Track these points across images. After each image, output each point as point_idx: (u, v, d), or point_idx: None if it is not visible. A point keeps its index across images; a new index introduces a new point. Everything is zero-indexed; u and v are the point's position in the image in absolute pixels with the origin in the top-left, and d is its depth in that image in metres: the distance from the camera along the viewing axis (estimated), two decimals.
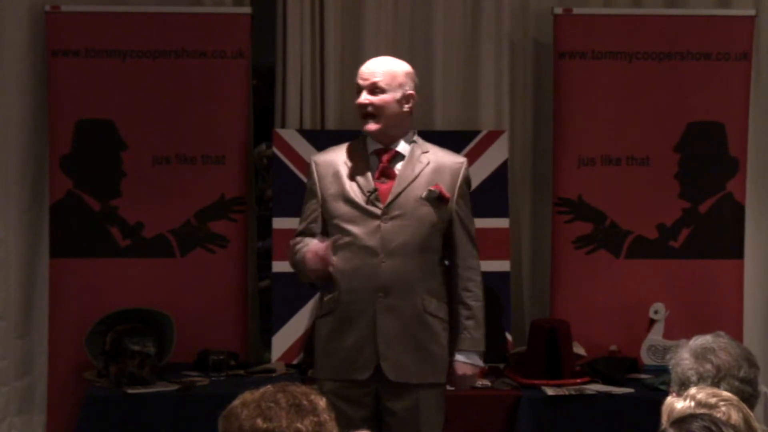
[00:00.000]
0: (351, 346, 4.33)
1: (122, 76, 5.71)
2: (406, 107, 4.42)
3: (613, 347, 5.70)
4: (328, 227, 4.41)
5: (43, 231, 5.78)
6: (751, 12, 5.88)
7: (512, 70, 6.03)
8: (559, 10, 5.82)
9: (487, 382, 5.34)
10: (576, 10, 5.84)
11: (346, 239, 4.34)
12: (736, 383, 3.13)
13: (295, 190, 5.66)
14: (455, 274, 4.44)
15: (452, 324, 4.44)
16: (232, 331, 5.73)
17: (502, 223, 5.78)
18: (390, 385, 4.32)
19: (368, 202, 4.34)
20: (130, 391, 5.16)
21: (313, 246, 4.33)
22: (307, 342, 5.33)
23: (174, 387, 5.23)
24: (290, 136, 5.79)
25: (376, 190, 4.36)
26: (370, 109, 4.36)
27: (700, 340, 3.23)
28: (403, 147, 4.43)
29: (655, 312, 5.71)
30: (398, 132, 4.42)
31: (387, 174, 4.39)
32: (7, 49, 5.80)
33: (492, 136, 5.82)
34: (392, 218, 4.33)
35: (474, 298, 4.43)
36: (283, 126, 5.91)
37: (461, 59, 5.99)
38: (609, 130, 5.82)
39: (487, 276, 5.66)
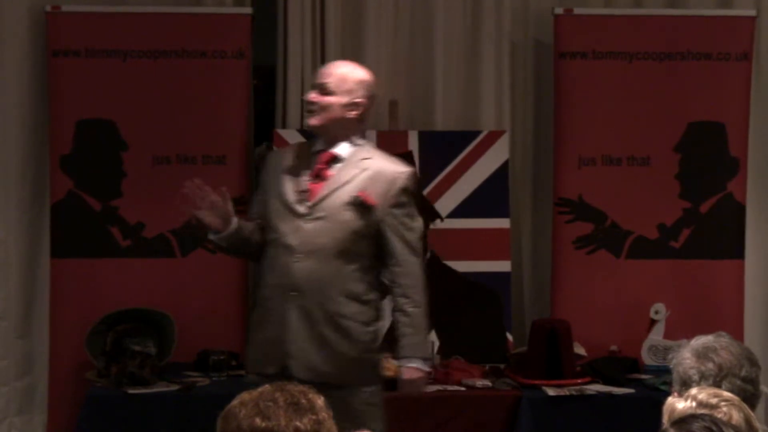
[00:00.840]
0: (265, 341, 4.41)
1: (123, 76, 5.72)
2: (352, 113, 4.42)
3: (613, 347, 5.70)
4: (266, 222, 4.47)
5: (44, 231, 5.78)
6: (752, 12, 5.88)
7: (513, 70, 6.03)
8: (559, 10, 5.83)
9: (487, 382, 5.35)
10: (576, 10, 5.85)
11: (274, 236, 4.41)
12: (738, 382, 3.13)
13: None
14: (393, 282, 4.41)
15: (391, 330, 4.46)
16: (233, 331, 5.72)
17: (503, 223, 5.78)
18: (305, 384, 4.31)
19: (297, 201, 4.39)
20: (130, 391, 5.17)
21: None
22: None
23: (174, 387, 5.24)
24: (291, 136, 5.79)
25: (306, 190, 4.40)
26: (314, 107, 4.42)
27: (701, 340, 3.23)
28: (343, 150, 4.43)
29: (656, 312, 5.71)
30: (341, 135, 4.43)
31: (321, 175, 4.41)
32: (8, 49, 5.79)
33: (492, 137, 5.82)
34: (315, 219, 4.36)
35: (412, 304, 4.38)
36: (283, 126, 5.91)
37: (462, 59, 6.00)
38: (609, 130, 5.82)
39: (488, 276, 5.72)
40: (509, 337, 5.75)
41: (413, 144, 5.77)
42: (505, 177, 5.81)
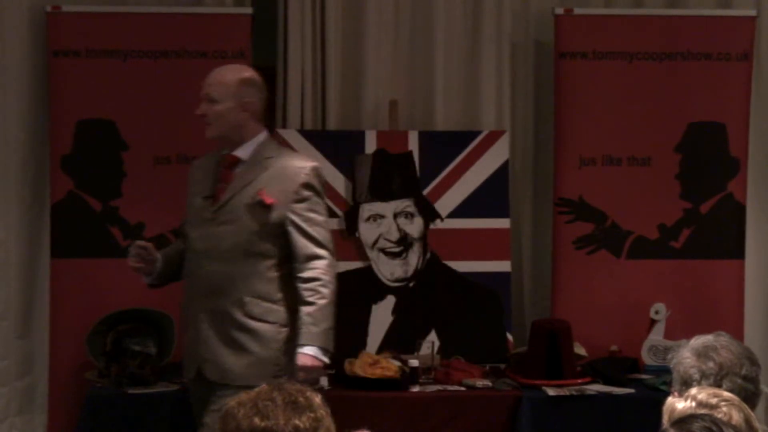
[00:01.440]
0: (186, 346, 4.54)
1: (123, 77, 5.71)
2: (244, 115, 4.51)
3: (613, 347, 5.70)
4: None
5: (44, 231, 5.78)
6: (752, 12, 5.88)
7: (513, 70, 6.03)
8: (559, 11, 5.83)
9: (488, 383, 5.34)
10: (577, 11, 5.85)
11: (188, 243, 4.55)
12: (739, 381, 3.14)
13: None
14: (296, 277, 4.45)
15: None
16: None
17: (503, 223, 5.78)
18: (217, 385, 4.40)
19: (203, 207, 4.49)
20: (130, 391, 5.17)
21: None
22: None
23: (174, 387, 5.23)
24: (291, 136, 5.79)
25: (211, 195, 4.49)
26: (205, 119, 4.51)
27: (701, 340, 3.24)
28: (243, 152, 4.52)
29: (656, 312, 5.71)
30: (240, 138, 4.52)
31: (225, 179, 4.51)
32: (8, 50, 5.79)
33: (493, 137, 5.82)
34: (222, 222, 4.45)
35: (317, 296, 4.42)
36: (284, 126, 5.91)
37: (462, 60, 6.00)
38: (610, 131, 5.82)
39: (488, 276, 5.72)
40: (509, 337, 5.75)
41: (413, 144, 5.77)
42: (505, 177, 5.80)
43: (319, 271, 4.43)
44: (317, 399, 2.58)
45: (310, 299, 4.41)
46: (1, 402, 5.81)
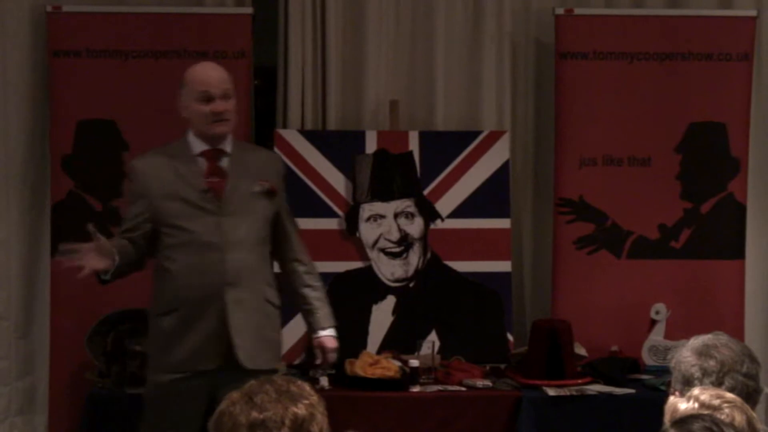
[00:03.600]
0: (201, 339, 4.49)
1: (123, 77, 5.71)
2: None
3: (614, 347, 5.71)
4: (161, 227, 4.55)
5: (45, 231, 5.78)
6: (753, 13, 5.89)
7: (514, 70, 6.04)
8: (560, 11, 5.83)
9: (488, 383, 5.34)
10: (577, 11, 5.85)
11: (185, 237, 4.51)
12: (740, 378, 3.14)
13: (296, 191, 5.68)
14: (296, 261, 4.70)
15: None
16: None
17: (504, 223, 5.78)
18: (236, 373, 4.39)
19: (204, 200, 4.51)
20: (131, 391, 5.16)
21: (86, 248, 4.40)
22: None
23: None
24: (292, 136, 5.79)
25: (208, 189, 4.53)
26: (228, 115, 4.57)
27: (700, 339, 3.25)
28: (227, 146, 4.61)
29: (656, 312, 5.71)
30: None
31: (217, 172, 4.56)
32: (9, 50, 5.80)
33: (493, 137, 5.82)
34: (230, 214, 4.51)
35: (318, 279, 4.72)
36: (284, 126, 5.91)
37: (463, 59, 6.00)
38: (610, 131, 5.82)
39: (488, 276, 5.72)
40: (510, 337, 5.75)
41: (414, 144, 5.77)
42: (506, 177, 5.80)
43: (308, 257, 4.72)
44: (307, 386, 2.64)
45: (315, 283, 4.70)
46: (2, 402, 5.82)
